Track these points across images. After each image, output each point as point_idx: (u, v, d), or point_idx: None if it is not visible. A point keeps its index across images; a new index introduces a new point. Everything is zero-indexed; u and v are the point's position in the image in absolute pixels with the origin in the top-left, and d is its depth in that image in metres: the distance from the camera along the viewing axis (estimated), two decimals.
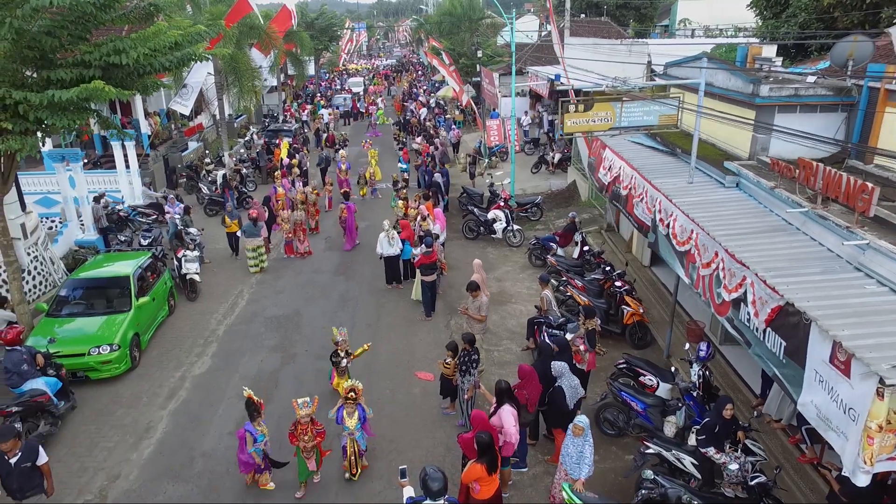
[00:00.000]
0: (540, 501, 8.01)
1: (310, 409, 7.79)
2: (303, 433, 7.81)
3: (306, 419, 7.76)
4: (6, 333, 9.00)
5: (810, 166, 7.74)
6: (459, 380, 9.37)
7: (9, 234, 10.84)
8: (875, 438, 5.12)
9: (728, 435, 7.63)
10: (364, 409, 8.18)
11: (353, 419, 8.00)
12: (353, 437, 8.13)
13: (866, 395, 5.09)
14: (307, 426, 7.80)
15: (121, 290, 11.55)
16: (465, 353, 9.20)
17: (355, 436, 8.13)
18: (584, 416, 7.44)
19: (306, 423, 7.78)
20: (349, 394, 7.98)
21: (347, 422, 8.00)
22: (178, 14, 18.56)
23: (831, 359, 5.52)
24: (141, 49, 9.75)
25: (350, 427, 8.02)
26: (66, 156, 17.00)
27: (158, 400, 10.13)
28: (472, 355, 9.20)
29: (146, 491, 8.14)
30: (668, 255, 9.74)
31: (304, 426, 7.78)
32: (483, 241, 17.75)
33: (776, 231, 8.11)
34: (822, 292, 6.29)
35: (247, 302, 14.00)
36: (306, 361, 11.35)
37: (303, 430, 7.80)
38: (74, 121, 9.77)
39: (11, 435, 6.49)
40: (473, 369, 9.17)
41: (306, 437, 7.82)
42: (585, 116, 9.72)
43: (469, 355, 9.19)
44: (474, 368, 9.18)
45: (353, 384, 8.12)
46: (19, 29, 8.93)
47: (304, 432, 7.80)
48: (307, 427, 7.80)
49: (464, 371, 9.20)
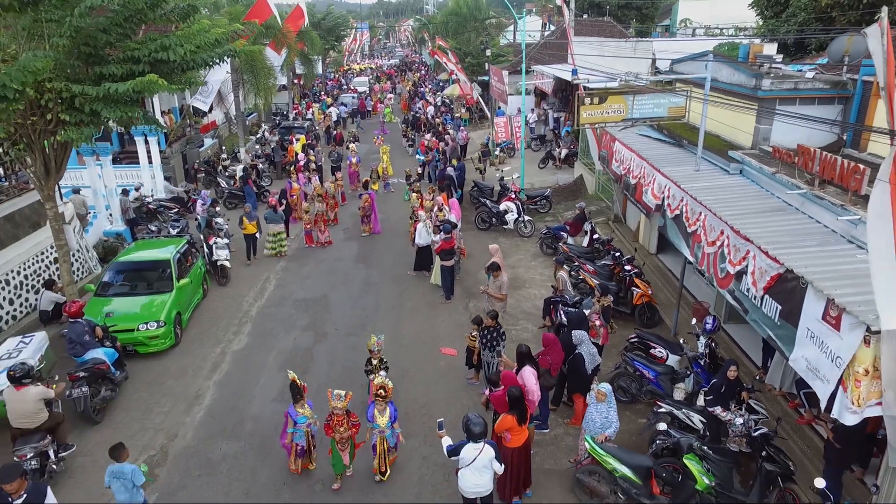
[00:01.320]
0: (562, 458, 8.78)
1: (343, 403, 7.86)
2: (338, 424, 7.90)
3: (340, 411, 7.86)
4: (70, 307, 9.80)
5: (808, 152, 8.51)
6: (486, 355, 10.03)
7: (61, 219, 11.60)
8: (862, 381, 5.89)
9: (733, 395, 8.39)
10: (395, 406, 8.23)
11: (384, 417, 8.01)
12: (384, 436, 8.12)
13: (854, 344, 5.86)
14: (342, 418, 7.91)
15: (162, 273, 12.33)
16: (490, 329, 9.90)
17: (385, 434, 8.11)
18: (607, 384, 8.24)
19: (341, 414, 7.89)
20: (379, 391, 8.00)
21: (378, 419, 8.01)
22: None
23: (824, 315, 6.29)
24: (187, 46, 10.52)
25: (381, 425, 8.01)
26: (97, 150, 17.77)
27: (203, 372, 10.92)
28: (498, 330, 9.92)
29: (203, 448, 8.93)
30: (675, 237, 10.51)
31: (339, 418, 7.89)
32: (495, 231, 18.51)
33: (777, 211, 8.88)
34: (817, 261, 7.05)
35: (274, 287, 14.78)
36: (337, 339, 12.13)
37: (338, 422, 7.90)
38: (126, 112, 10.51)
39: (17, 475, 6.02)
40: (498, 345, 9.87)
41: (342, 429, 7.92)
42: (600, 108, 10.48)
43: (495, 331, 9.89)
44: (499, 344, 9.89)
45: (384, 382, 8.12)
46: (77, 27, 9.70)
47: (340, 423, 7.91)
48: (342, 419, 7.91)
49: (491, 346, 9.89)
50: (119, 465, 6.89)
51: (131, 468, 6.91)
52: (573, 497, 7.99)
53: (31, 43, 10.13)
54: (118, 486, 6.89)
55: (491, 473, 7.01)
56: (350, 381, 10.56)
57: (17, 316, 12.49)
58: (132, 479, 6.87)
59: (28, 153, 10.86)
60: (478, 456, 6.84)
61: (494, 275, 11.36)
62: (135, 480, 6.89)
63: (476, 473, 6.92)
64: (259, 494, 8.03)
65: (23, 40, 10.03)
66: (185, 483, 8.25)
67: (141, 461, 8.39)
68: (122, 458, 6.93)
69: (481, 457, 6.84)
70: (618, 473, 7.59)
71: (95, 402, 9.26)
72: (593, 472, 7.82)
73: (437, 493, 8.06)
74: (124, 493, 6.89)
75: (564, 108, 29.35)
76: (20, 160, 11.42)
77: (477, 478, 6.94)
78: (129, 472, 6.86)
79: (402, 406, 9.68)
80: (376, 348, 9.51)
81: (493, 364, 9.91)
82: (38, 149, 10.73)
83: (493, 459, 6.93)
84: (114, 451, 6.94)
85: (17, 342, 9.60)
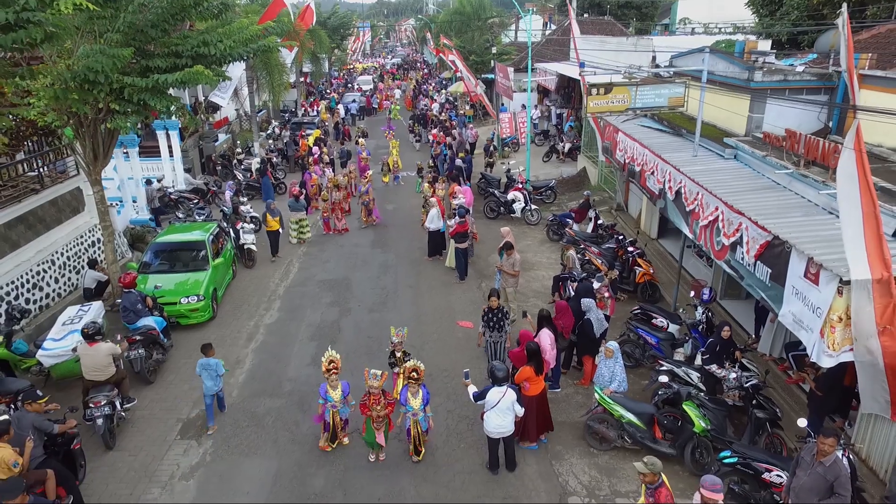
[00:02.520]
0: (573, 412, 9.73)
1: (378, 382, 7.97)
2: (374, 403, 8.01)
3: (376, 390, 7.97)
4: (124, 277, 10.75)
5: (795, 135, 9.46)
6: (488, 335, 10.23)
7: (106, 202, 12.53)
8: (836, 328, 6.83)
9: (727, 354, 9.33)
10: (427, 390, 8.29)
11: (417, 399, 8.09)
12: (416, 419, 8.21)
13: (830, 295, 6.80)
14: (378, 396, 8.01)
15: (198, 253, 13.27)
16: (495, 311, 10.12)
17: (418, 416, 8.19)
18: (614, 342, 9.18)
19: (377, 393, 7.99)
20: (411, 374, 8.09)
21: (412, 402, 8.09)
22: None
23: (805, 273, 7.23)
24: (226, 41, 11.46)
25: (414, 407, 8.09)
26: (125, 142, 18.68)
27: (240, 341, 11.86)
28: (502, 310, 10.23)
29: (249, 404, 9.88)
30: (675, 216, 11.46)
31: (375, 396, 7.99)
32: (503, 220, 19.43)
33: (767, 189, 9.84)
34: (800, 229, 8.00)
35: (298, 269, 15.72)
36: (361, 314, 13.08)
37: (375, 401, 8.01)
38: (171, 103, 11.44)
39: (19, 491, 6.11)
40: (504, 326, 10.15)
41: (378, 408, 8.03)
42: (605, 98, 11.42)
43: (500, 311, 10.16)
44: (505, 325, 10.17)
45: (416, 364, 8.15)
46: (131, 22, 10.63)
47: (376, 402, 8.01)
48: (378, 397, 8.01)
49: (499, 327, 10.12)
50: (207, 359, 9.07)
51: (216, 361, 9.12)
52: (584, 443, 8.93)
53: (84, 39, 11.05)
54: (206, 374, 9.05)
55: (512, 415, 7.94)
56: (377, 349, 11.54)
57: (61, 294, 13.40)
58: (216, 369, 9.06)
59: (78, 139, 11.79)
60: (501, 398, 7.77)
61: (508, 253, 12.30)
62: (218, 371, 9.10)
63: (500, 415, 7.85)
64: (303, 442, 8.95)
65: (78, 37, 10.94)
66: (237, 433, 9.19)
67: (194, 412, 9.39)
68: (209, 354, 9.13)
69: (504, 399, 7.77)
70: (624, 420, 8.55)
71: (149, 363, 10.22)
72: (602, 420, 8.77)
73: (462, 440, 9.00)
74: (210, 380, 9.06)
75: (567, 105, 30.31)
76: (72, 146, 12.33)
77: (500, 419, 7.87)
78: (214, 364, 9.07)
79: (426, 370, 10.60)
80: (397, 339, 9.36)
81: (499, 344, 10.24)
82: (89, 136, 11.66)
83: (515, 402, 7.87)
84: (204, 349, 9.19)
85: (76, 310, 10.53)
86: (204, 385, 9.06)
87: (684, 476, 8.22)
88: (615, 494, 8.02)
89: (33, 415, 7.32)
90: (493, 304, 10.14)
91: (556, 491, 8.09)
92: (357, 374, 10.59)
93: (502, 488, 8.10)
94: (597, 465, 8.54)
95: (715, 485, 5.70)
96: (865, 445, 7.88)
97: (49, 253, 13.09)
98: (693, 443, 8.29)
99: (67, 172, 14.63)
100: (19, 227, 12.25)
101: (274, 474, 8.34)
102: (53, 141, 14.02)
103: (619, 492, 8.06)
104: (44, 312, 12.40)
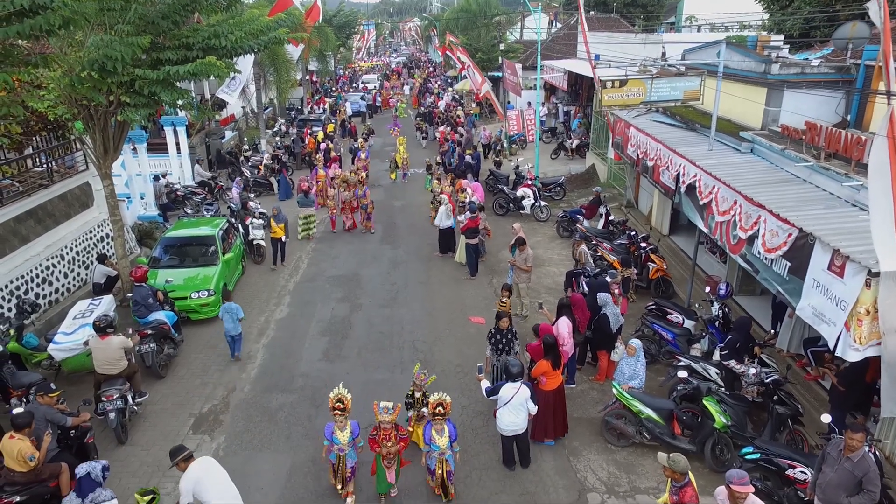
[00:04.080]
0: (589, 408, 9.61)
1: (391, 416, 7.13)
2: (385, 438, 7.15)
3: (388, 425, 7.11)
4: (136, 271, 10.69)
5: (815, 127, 9.32)
6: (495, 359, 9.22)
7: (115, 196, 12.45)
8: (864, 321, 6.70)
9: (747, 350, 9.20)
10: (453, 424, 7.37)
11: (443, 437, 7.17)
12: (444, 458, 7.30)
13: (856, 288, 6.66)
14: (390, 431, 7.16)
15: (207, 248, 13.18)
16: (503, 332, 9.15)
17: (445, 455, 7.27)
18: (638, 340, 9.06)
19: (388, 428, 7.14)
20: (437, 409, 7.17)
21: (437, 440, 7.17)
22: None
23: (829, 266, 7.09)
24: (237, 33, 11.35)
25: (441, 447, 7.17)
26: (133, 137, 18.62)
27: (251, 336, 11.76)
28: (511, 331, 9.24)
29: (261, 399, 9.78)
30: (689, 210, 11.32)
31: (386, 431, 7.14)
32: (512, 216, 19.30)
33: (786, 182, 9.69)
34: (823, 221, 7.86)
35: (307, 265, 15.62)
36: (372, 309, 12.98)
37: (385, 436, 7.15)
38: (181, 95, 11.35)
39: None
40: (511, 349, 9.15)
41: (389, 444, 7.17)
42: (620, 91, 11.29)
43: (509, 332, 9.19)
44: (513, 348, 9.19)
45: (441, 398, 7.21)
46: (143, 14, 10.54)
47: (387, 437, 7.15)
48: (390, 432, 7.15)
49: (508, 350, 9.15)
50: (228, 303, 10.63)
51: (236, 306, 10.65)
52: (602, 439, 8.80)
53: (94, 32, 10.97)
54: (227, 317, 10.51)
55: (526, 413, 7.80)
56: (388, 344, 11.44)
57: (70, 289, 13.33)
58: (236, 313, 10.55)
59: (88, 133, 11.71)
60: (515, 395, 7.64)
61: (520, 248, 12.18)
62: (238, 314, 10.57)
63: (512, 412, 7.72)
64: (317, 437, 8.84)
65: (89, 29, 10.86)
66: (249, 427, 9.10)
67: (206, 407, 9.32)
68: (230, 299, 10.86)
69: (518, 395, 7.64)
70: (643, 415, 8.42)
71: (160, 358, 10.14)
72: (620, 416, 8.64)
73: (477, 435, 8.88)
74: (231, 323, 10.56)
75: (575, 102, 30.16)
76: (81, 140, 12.25)
77: (513, 416, 7.74)
78: (234, 308, 10.58)
79: (438, 366, 10.56)
80: (418, 381, 8.19)
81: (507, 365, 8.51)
82: (99, 129, 11.58)
83: (528, 399, 7.74)
84: (226, 295, 11.18)
85: (87, 304, 10.45)
86: (224, 326, 10.63)
87: (704, 473, 8.09)
88: (635, 491, 7.90)
89: (45, 407, 7.24)
90: (503, 325, 9.14)
91: (574, 487, 7.97)
92: (369, 371, 10.56)
93: (520, 484, 7.99)
94: (615, 462, 8.42)
95: (743, 478, 5.57)
96: (890, 442, 7.74)
97: (58, 248, 13.01)
98: (713, 439, 8.16)
99: (77, 167, 14.56)
100: (29, 222, 12.18)
101: (287, 470, 8.24)
102: (63, 135, 13.94)
103: (638, 488, 7.94)
104: (53, 307, 12.34)
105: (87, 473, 6.53)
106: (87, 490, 6.48)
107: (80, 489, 6.50)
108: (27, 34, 7.60)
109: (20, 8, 7.31)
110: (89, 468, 6.58)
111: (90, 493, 6.50)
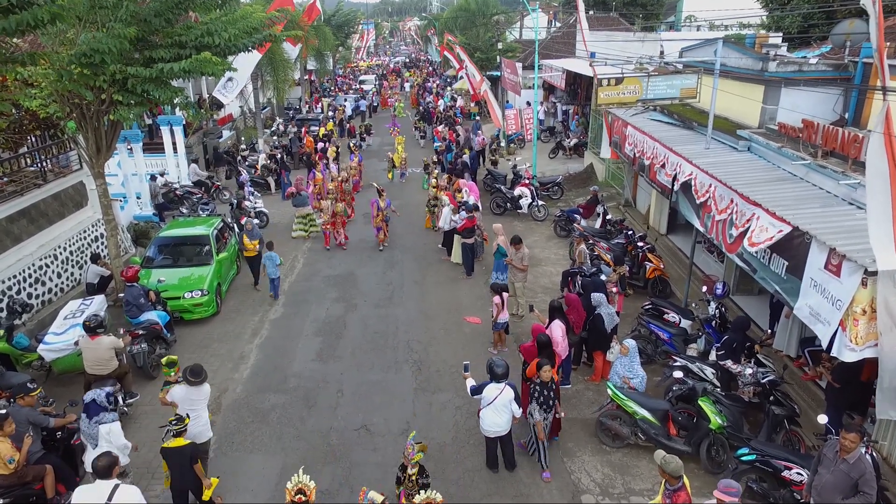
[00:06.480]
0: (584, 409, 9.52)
1: None
2: None
3: None
4: (127, 271, 10.58)
5: (812, 125, 9.23)
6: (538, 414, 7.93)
7: (109, 196, 12.36)
8: (860, 321, 6.60)
9: (744, 350, 9.10)
10: None
11: None
12: None
13: (853, 287, 6.57)
14: None
15: (202, 247, 13.09)
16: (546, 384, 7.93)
17: None
18: (632, 339, 8.97)
19: None
20: None
21: None
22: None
23: (826, 264, 7.00)
24: (231, 30, 11.27)
25: None
26: (129, 137, 18.53)
27: (245, 336, 11.68)
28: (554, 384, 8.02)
29: (253, 400, 9.69)
30: (686, 210, 11.22)
31: None
32: (510, 215, 19.22)
33: (783, 181, 9.59)
34: (820, 219, 7.76)
35: (303, 265, 15.54)
36: (367, 309, 12.89)
37: None
38: (175, 93, 11.27)
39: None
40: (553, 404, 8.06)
41: None
42: (616, 90, 11.20)
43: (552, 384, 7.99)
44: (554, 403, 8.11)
45: (430, 497, 5.92)
46: (134, 11, 10.45)
47: None
48: None
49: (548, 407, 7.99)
50: (270, 252, 13.02)
51: (275, 254, 13.02)
52: (596, 440, 8.71)
53: (86, 29, 10.88)
54: (269, 262, 12.95)
55: (509, 415, 7.67)
56: (383, 344, 11.35)
57: (64, 289, 13.24)
58: (275, 259, 12.95)
59: (81, 132, 11.63)
60: (498, 395, 7.55)
61: (517, 247, 12.10)
62: (276, 261, 13.03)
63: (496, 413, 7.61)
64: (308, 438, 8.76)
65: (80, 26, 10.77)
66: (240, 428, 9.01)
67: None
68: (272, 249, 13.12)
69: (501, 396, 7.55)
70: (638, 416, 8.33)
71: (152, 358, 10.04)
72: (615, 417, 8.55)
73: (471, 436, 8.79)
74: (272, 268, 13.03)
75: (573, 101, 30.07)
76: (74, 139, 12.16)
77: (496, 417, 7.63)
78: (275, 256, 13.00)
79: (433, 366, 10.48)
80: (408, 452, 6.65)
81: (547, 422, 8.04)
82: (92, 128, 11.49)
83: (512, 401, 7.64)
84: (269, 245, 13.28)
85: (78, 304, 10.36)
86: (267, 270, 13.05)
87: (700, 474, 8.00)
88: (629, 492, 7.81)
89: (27, 409, 7.15)
90: (546, 376, 7.78)
91: (568, 489, 7.88)
92: (363, 371, 10.47)
93: (513, 486, 7.90)
94: (609, 463, 8.33)
95: (729, 487, 5.50)
96: (888, 443, 7.65)
97: (51, 247, 12.92)
98: (709, 440, 8.07)
99: (70, 167, 14.47)
100: (21, 221, 12.09)
101: (279, 471, 8.15)
102: (56, 134, 13.87)
103: (633, 489, 7.85)
104: (46, 307, 12.25)
105: (92, 399, 7.33)
106: (93, 413, 7.28)
107: (88, 412, 7.31)
108: (13, 30, 7.51)
109: (6, 4, 7.23)
110: (94, 395, 7.37)
111: (94, 417, 7.28)
